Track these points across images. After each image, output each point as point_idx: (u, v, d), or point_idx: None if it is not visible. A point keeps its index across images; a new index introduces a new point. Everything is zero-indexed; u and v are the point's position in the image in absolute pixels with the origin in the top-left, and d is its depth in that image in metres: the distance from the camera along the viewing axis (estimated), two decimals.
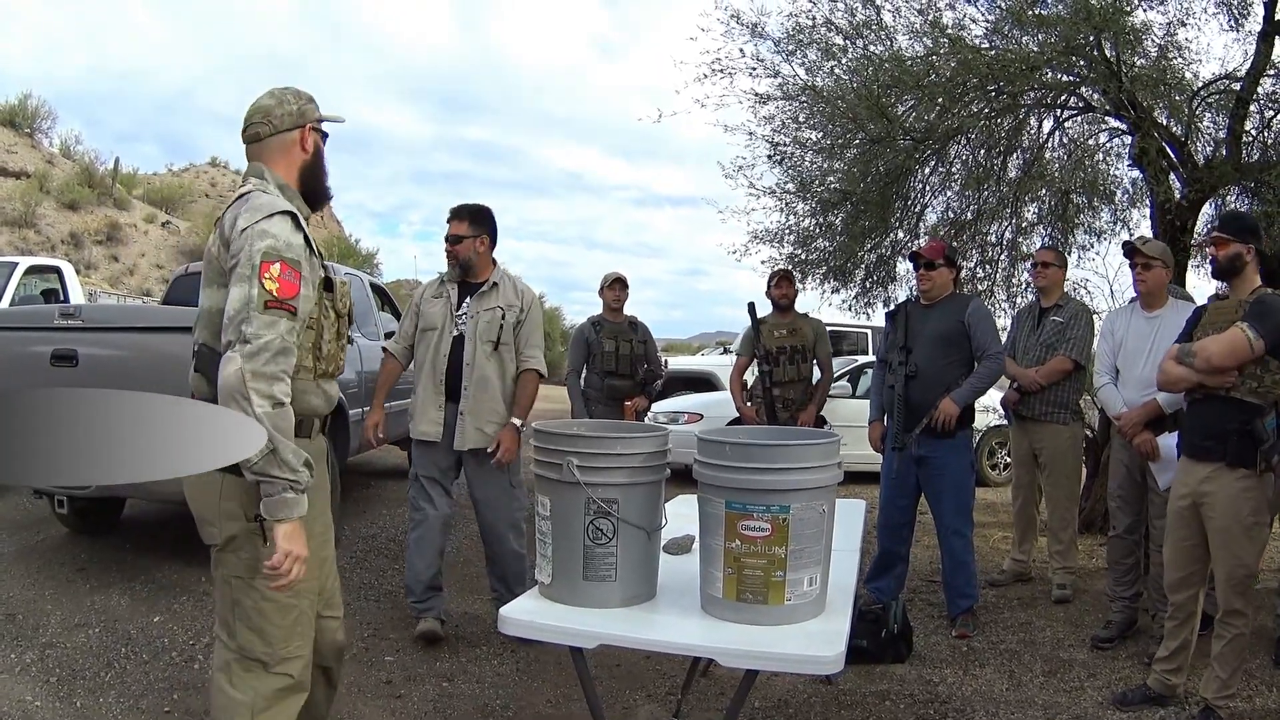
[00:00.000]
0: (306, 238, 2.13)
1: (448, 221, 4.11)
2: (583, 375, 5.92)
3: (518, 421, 4.03)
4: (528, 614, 2.18)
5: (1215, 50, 6.13)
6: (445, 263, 4.18)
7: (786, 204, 6.94)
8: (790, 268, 6.40)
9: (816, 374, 5.89)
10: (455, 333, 4.03)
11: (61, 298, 9.04)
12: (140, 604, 4.32)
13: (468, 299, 4.06)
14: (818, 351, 5.78)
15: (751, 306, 5.82)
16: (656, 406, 8.71)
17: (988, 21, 5.78)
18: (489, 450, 3.97)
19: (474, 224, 4.07)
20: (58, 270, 9.46)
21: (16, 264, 9.07)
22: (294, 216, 2.11)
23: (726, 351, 13.49)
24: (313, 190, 2.31)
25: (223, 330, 2.02)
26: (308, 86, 2.30)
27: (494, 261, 4.15)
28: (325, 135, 2.35)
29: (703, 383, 10.98)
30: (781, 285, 5.82)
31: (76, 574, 4.71)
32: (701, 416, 8.38)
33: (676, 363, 12.71)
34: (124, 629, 4.00)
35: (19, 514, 5.78)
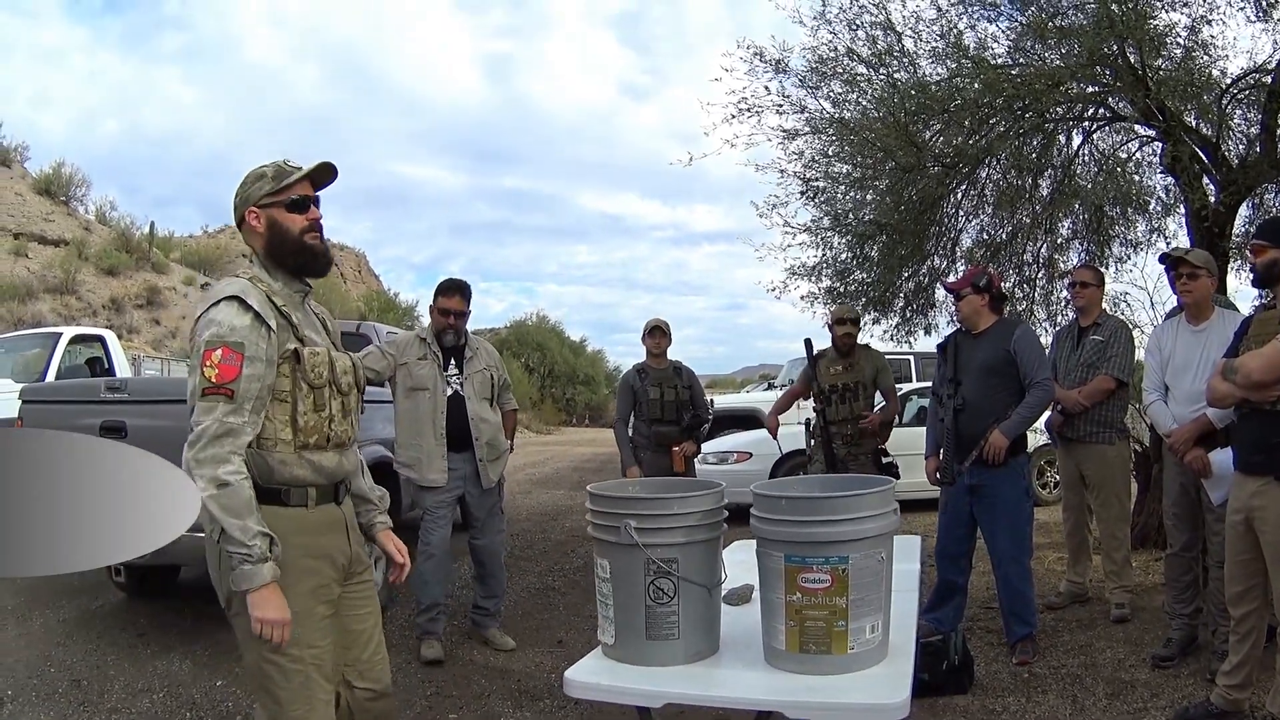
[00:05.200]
0: (258, 316, 2.14)
1: (445, 294, 4.67)
2: (630, 423, 5.93)
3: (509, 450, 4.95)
4: (593, 675, 2.19)
5: (1242, 43, 6.03)
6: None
7: (822, 238, 6.95)
8: (855, 307, 6.34)
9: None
10: (450, 391, 4.58)
11: (106, 366, 9.01)
12: (202, 668, 4.36)
13: (451, 361, 4.65)
14: (880, 384, 5.71)
15: (808, 343, 5.76)
16: (705, 447, 8.70)
17: (1009, 39, 5.78)
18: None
19: (468, 300, 4.71)
20: (101, 339, 9.46)
21: (60, 334, 9.06)
22: (239, 300, 2.14)
23: (771, 387, 13.49)
24: (292, 264, 2.30)
25: None
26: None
27: None
28: (294, 203, 2.27)
29: (750, 420, 10.91)
30: (841, 330, 5.69)
31: (137, 639, 4.78)
32: (750, 455, 8.30)
33: (722, 401, 12.69)
34: (187, 694, 4.03)
35: (75, 579, 5.85)
